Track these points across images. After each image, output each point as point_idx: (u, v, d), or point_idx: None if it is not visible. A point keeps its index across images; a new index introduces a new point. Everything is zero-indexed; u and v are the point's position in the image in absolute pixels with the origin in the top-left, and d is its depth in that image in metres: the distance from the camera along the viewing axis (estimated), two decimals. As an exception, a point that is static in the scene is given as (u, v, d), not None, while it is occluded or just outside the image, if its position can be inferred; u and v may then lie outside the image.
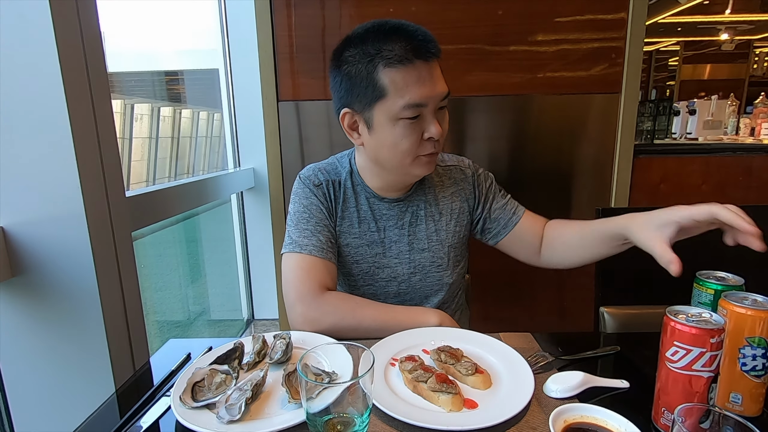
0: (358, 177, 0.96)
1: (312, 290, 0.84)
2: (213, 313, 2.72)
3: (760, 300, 0.57)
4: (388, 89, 0.79)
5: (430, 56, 0.79)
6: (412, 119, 0.80)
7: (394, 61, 0.78)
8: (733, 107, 2.88)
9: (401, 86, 0.78)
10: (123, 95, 2.38)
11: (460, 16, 1.63)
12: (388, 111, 0.80)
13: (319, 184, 0.94)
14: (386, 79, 0.79)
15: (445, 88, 0.82)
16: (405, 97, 0.78)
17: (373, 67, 0.79)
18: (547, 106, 1.69)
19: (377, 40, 0.79)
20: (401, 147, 0.82)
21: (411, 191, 0.97)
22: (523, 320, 1.90)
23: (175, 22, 2.58)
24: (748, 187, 1.84)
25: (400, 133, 0.81)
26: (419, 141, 0.83)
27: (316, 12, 1.63)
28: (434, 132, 0.81)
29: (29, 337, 0.92)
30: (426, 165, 0.86)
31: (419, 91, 0.78)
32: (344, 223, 0.95)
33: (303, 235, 0.89)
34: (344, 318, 0.82)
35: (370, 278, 0.97)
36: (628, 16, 1.64)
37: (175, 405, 0.60)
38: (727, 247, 1.09)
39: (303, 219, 0.91)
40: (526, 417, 0.59)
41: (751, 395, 0.57)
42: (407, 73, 0.78)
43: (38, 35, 0.84)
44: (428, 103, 0.80)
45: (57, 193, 0.88)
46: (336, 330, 0.80)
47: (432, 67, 0.80)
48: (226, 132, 2.42)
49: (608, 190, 1.77)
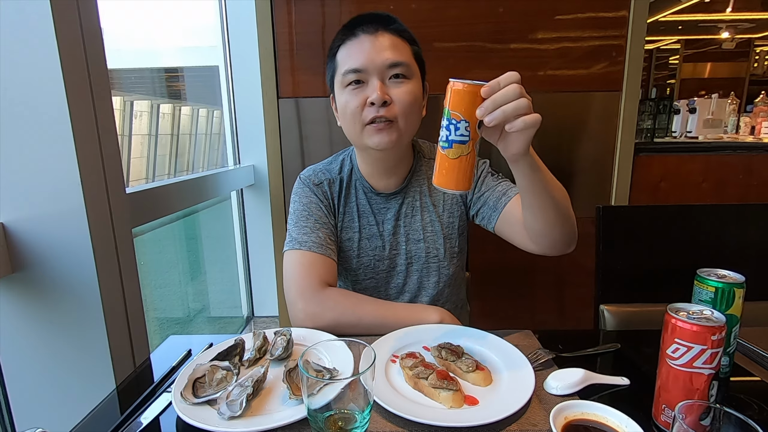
0: (357, 172, 0.99)
1: (312, 286, 0.85)
2: (213, 310, 2.72)
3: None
4: (338, 62, 0.89)
5: (378, 30, 0.86)
6: (356, 84, 0.86)
7: (343, 40, 0.89)
8: (734, 106, 2.88)
9: (346, 56, 0.88)
10: (123, 92, 2.38)
11: (461, 13, 1.62)
12: (339, 81, 0.89)
13: (319, 183, 0.98)
14: (338, 55, 0.89)
15: (392, 56, 0.85)
16: (345, 65, 0.87)
17: (335, 50, 0.90)
18: (548, 104, 1.69)
19: (344, 28, 0.90)
20: (347, 112, 0.88)
21: (405, 184, 0.98)
22: (523, 318, 1.90)
23: (175, 18, 2.57)
24: (748, 185, 1.84)
25: (346, 98, 0.88)
26: (363, 106, 0.86)
27: (317, 9, 1.63)
28: (374, 96, 0.84)
29: (30, 333, 0.92)
30: (376, 134, 0.87)
31: (357, 56, 0.86)
32: (345, 219, 0.98)
33: (303, 232, 0.91)
34: (344, 314, 0.83)
35: (371, 271, 0.99)
36: (629, 14, 1.63)
37: (176, 401, 0.60)
38: (727, 245, 1.09)
39: (303, 217, 0.94)
40: (527, 414, 0.59)
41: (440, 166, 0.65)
42: (351, 46, 0.87)
43: (38, 32, 0.84)
44: (367, 67, 0.85)
45: (57, 190, 0.88)
46: (336, 325, 0.81)
47: (378, 38, 0.86)
48: (226, 129, 2.42)
49: (609, 188, 1.77)
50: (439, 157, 0.65)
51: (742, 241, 1.09)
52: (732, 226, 1.11)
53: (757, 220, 1.10)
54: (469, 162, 0.64)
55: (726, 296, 0.63)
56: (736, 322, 0.64)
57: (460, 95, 0.62)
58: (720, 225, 1.11)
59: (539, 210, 0.80)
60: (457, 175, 0.64)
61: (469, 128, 0.62)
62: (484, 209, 0.97)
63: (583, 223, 1.76)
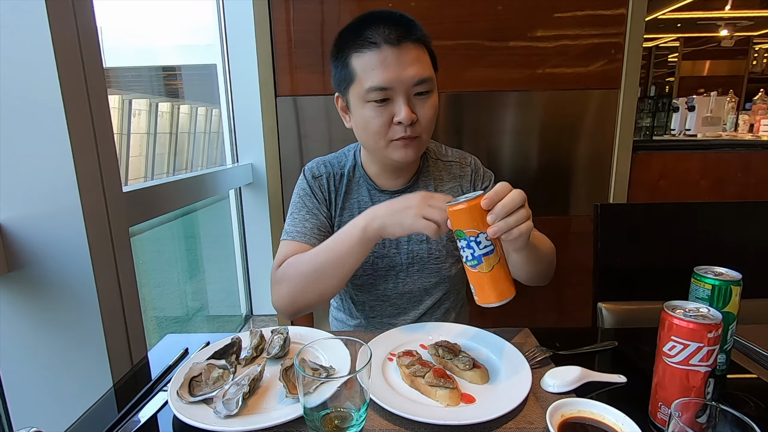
0: (360, 169, 0.98)
1: (277, 267, 0.87)
2: (211, 308, 2.72)
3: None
4: (356, 73, 0.83)
5: (401, 40, 0.80)
6: (380, 102, 0.82)
7: (361, 47, 0.81)
8: (732, 104, 2.88)
9: (366, 70, 0.81)
10: (121, 91, 2.37)
11: (459, 11, 1.62)
12: (358, 93, 0.84)
13: (319, 176, 0.98)
14: (355, 63, 0.83)
15: (418, 72, 0.81)
16: (369, 80, 0.81)
17: (348, 53, 0.83)
18: (546, 102, 1.69)
19: (356, 28, 0.83)
20: (371, 129, 0.84)
21: (411, 183, 0.97)
22: (521, 316, 1.89)
23: (172, 17, 2.56)
24: (746, 183, 1.84)
25: (369, 115, 0.84)
26: (389, 124, 0.83)
27: (315, 7, 1.62)
28: (402, 117, 0.81)
29: (26, 331, 0.92)
30: (402, 149, 0.86)
31: (383, 74, 0.80)
32: (345, 214, 0.97)
33: (292, 223, 0.94)
34: (298, 268, 0.83)
35: (371, 268, 0.98)
36: (627, 11, 1.63)
37: (173, 399, 0.60)
38: (724, 243, 1.09)
39: (296, 209, 0.96)
40: (524, 411, 0.59)
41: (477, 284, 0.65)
42: (371, 58, 0.81)
43: (34, 30, 0.83)
44: (394, 86, 0.81)
45: (53, 188, 0.88)
46: (304, 288, 0.83)
47: (402, 51, 0.80)
48: (225, 128, 2.41)
49: (607, 185, 1.77)
50: (474, 277, 0.64)
51: (739, 238, 1.09)
52: (730, 224, 1.11)
53: (754, 217, 1.10)
54: (503, 265, 0.63)
55: (723, 294, 0.63)
56: (732, 320, 0.64)
57: (470, 213, 0.62)
58: (718, 223, 1.11)
59: (524, 270, 0.84)
60: (500, 285, 0.63)
61: (488, 237, 0.62)
62: None
63: (581, 220, 1.79)
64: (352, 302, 1.05)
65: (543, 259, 0.85)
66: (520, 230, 0.62)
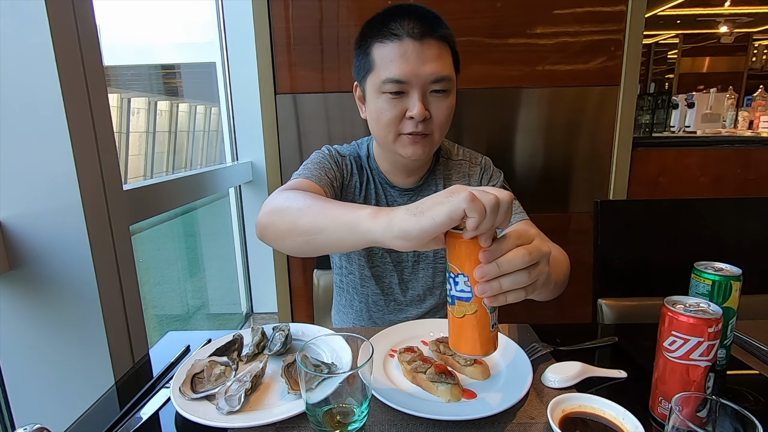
0: (374, 162, 0.98)
1: (277, 190, 0.77)
2: (212, 306, 2.72)
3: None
4: (375, 62, 0.82)
5: (424, 36, 0.79)
6: (395, 94, 0.81)
7: (384, 37, 0.80)
8: (732, 100, 2.88)
9: (386, 61, 0.80)
10: (120, 89, 2.37)
11: (459, 8, 1.61)
12: (374, 83, 0.83)
13: (344, 155, 0.97)
14: (376, 53, 0.82)
15: (437, 70, 0.80)
16: (386, 71, 0.80)
17: (370, 42, 0.83)
18: (546, 99, 1.69)
19: (382, 19, 0.82)
20: (382, 120, 0.84)
21: (422, 182, 0.97)
22: (521, 312, 1.90)
23: (171, 15, 2.56)
24: (745, 179, 1.84)
25: (382, 106, 0.83)
26: (401, 117, 0.82)
27: (314, 3, 1.62)
28: (415, 112, 0.80)
29: (28, 330, 0.92)
30: (410, 146, 0.84)
31: (401, 67, 0.79)
32: (362, 201, 0.97)
33: (306, 168, 0.89)
34: (290, 212, 0.68)
35: (379, 260, 0.99)
36: (627, 8, 1.63)
37: (175, 396, 0.60)
38: (724, 239, 1.09)
39: (312, 163, 0.91)
40: (525, 407, 0.59)
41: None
42: (393, 49, 0.80)
43: (33, 29, 0.83)
44: (410, 80, 0.80)
45: (54, 187, 0.88)
46: (284, 233, 0.68)
47: (424, 46, 0.79)
48: (224, 126, 2.41)
49: (607, 182, 1.77)
50: (448, 313, 0.54)
51: (739, 234, 1.09)
52: (729, 220, 1.11)
53: (754, 213, 1.10)
54: (479, 324, 0.52)
55: (723, 289, 0.63)
56: (732, 315, 0.64)
57: (458, 247, 0.51)
58: (718, 219, 1.11)
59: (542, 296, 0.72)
60: (465, 338, 0.53)
61: (469, 283, 0.50)
62: None
63: (581, 217, 1.79)
64: (355, 293, 1.05)
65: (557, 288, 0.75)
66: (507, 298, 0.50)
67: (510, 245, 0.49)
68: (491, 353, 0.53)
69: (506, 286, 0.49)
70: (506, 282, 0.49)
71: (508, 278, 0.49)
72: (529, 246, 0.50)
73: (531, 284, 0.50)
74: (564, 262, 0.82)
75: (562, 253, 0.83)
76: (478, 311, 0.51)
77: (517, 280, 0.49)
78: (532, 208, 1.01)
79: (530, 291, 0.51)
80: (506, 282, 0.49)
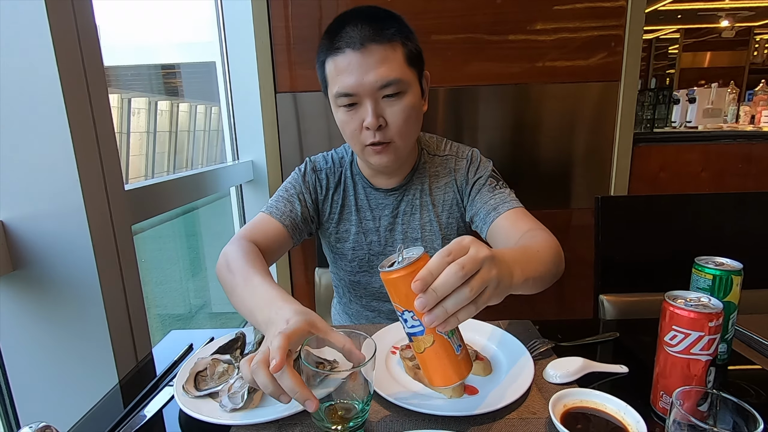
0: (356, 166, 0.98)
1: (236, 237, 0.84)
2: (214, 306, 2.73)
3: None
4: (327, 77, 0.83)
5: (364, 43, 0.77)
6: (349, 107, 0.81)
7: (328, 50, 0.80)
8: (733, 95, 2.88)
9: (333, 75, 0.81)
10: (120, 89, 2.37)
11: (459, 5, 1.61)
12: (331, 98, 0.84)
13: (319, 170, 0.98)
14: (327, 68, 0.82)
15: (382, 75, 0.77)
16: (335, 85, 0.80)
17: (322, 57, 0.83)
18: (546, 95, 1.68)
19: (331, 30, 0.81)
20: (346, 132, 0.85)
21: (405, 181, 0.96)
22: (523, 309, 1.90)
23: (171, 14, 2.56)
24: (747, 174, 1.84)
25: (342, 118, 0.84)
26: (360, 129, 0.82)
27: (313, 2, 1.62)
28: (368, 122, 0.80)
29: (32, 330, 0.92)
30: (375, 155, 0.84)
31: (345, 80, 0.79)
32: (344, 211, 0.98)
33: (275, 199, 0.95)
34: (229, 266, 0.75)
35: (366, 265, 0.99)
36: (627, 3, 1.62)
37: (179, 394, 0.60)
38: (725, 234, 1.09)
39: (283, 189, 0.97)
40: (527, 402, 0.59)
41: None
42: (337, 63, 0.79)
43: (33, 29, 0.83)
44: (357, 91, 0.79)
45: (56, 187, 0.88)
46: (220, 277, 0.77)
47: (365, 54, 0.77)
48: (224, 125, 2.41)
49: (608, 178, 1.77)
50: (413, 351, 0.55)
51: (740, 229, 1.09)
52: (730, 215, 1.11)
53: (755, 208, 1.10)
54: (442, 352, 0.51)
55: (724, 284, 0.63)
56: (733, 310, 0.64)
57: (393, 285, 0.50)
58: (719, 214, 1.11)
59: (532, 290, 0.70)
60: (434, 370, 0.52)
61: (417, 317, 0.49)
62: (477, 219, 0.93)
63: (582, 213, 1.79)
64: (351, 296, 1.05)
65: (541, 281, 0.71)
66: (459, 318, 0.48)
67: (440, 265, 0.46)
68: (466, 376, 0.53)
69: (451, 308, 0.46)
70: (449, 304, 0.46)
71: (450, 300, 0.46)
72: (461, 259, 0.47)
73: (479, 296, 0.48)
74: (546, 251, 0.75)
75: (546, 242, 0.78)
76: (435, 341, 0.50)
77: (460, 297, 0.46)
78: (533, 204, 1.00)
79: (481, 302, 0.49)
80: (449, 304, 0.46)
